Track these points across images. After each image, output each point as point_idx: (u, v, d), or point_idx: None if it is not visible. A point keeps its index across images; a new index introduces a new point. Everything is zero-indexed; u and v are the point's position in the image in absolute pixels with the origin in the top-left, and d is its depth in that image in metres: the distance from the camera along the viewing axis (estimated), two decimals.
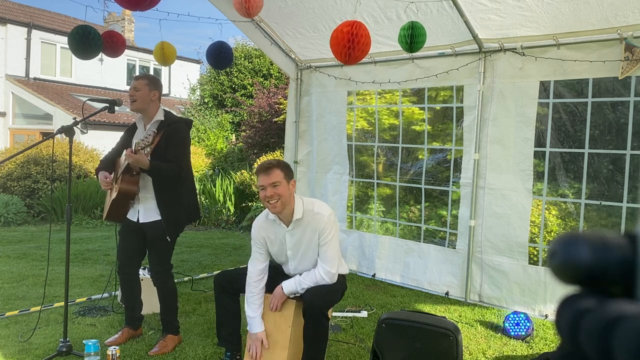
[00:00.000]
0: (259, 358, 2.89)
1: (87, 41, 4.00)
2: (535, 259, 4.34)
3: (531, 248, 4.32)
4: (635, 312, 0.35)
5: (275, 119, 10.60)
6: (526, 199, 4.28)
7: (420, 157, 5.17)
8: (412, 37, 3.68)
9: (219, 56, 4.64)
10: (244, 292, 3.06)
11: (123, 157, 3.38)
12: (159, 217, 3.35)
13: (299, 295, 2.91)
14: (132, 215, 3.44)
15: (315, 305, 2.74)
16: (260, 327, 2.92)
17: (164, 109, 3.50)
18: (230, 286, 3.07)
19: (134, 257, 3.50)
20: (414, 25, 3.68)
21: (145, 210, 3.39)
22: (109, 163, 3.51)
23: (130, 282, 3.55)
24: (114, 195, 3.33)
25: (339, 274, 2.98)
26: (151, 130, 3.20)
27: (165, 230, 3.34)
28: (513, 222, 4.34)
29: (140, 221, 3.39)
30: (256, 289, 2.96)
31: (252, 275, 2.98)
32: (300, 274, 2.95)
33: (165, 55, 4.63)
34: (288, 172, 2.88)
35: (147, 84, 3.39)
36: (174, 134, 3.35)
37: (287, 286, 2.89)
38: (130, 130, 3.57)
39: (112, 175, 3.46)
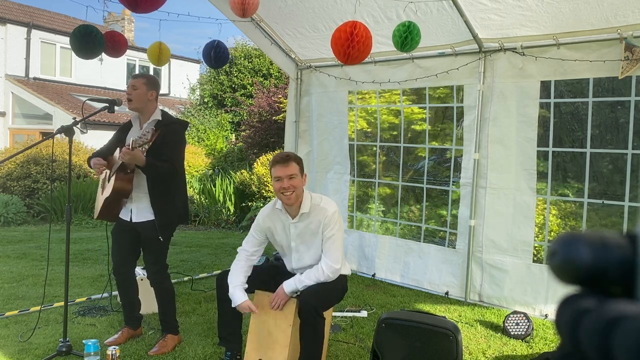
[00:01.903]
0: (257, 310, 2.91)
1: (90, 40, 4.00)
2: (538, 256, 4.34)
3: (536, 246, 4.32)
4: (635, 312, 0.34)
5: (275, 117, 10.60)
6: (530, 197, 4.28)
7: (421, 156, 5.17)
8: (407, 37, 3.67)
9: (215, 55, 4.65)
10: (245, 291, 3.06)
11: (117, 155, 3.37)
12: (152, 217, 3.33)
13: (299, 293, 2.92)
14: (124, 215, 3.42)
15: (310, 305, 2.75)
16: (242, 296, 2.91)
17: (161, 109, 3.50)
18: None
19: (128, 257, 3.49)
20: (413, 27, 3.68)
21: (138, 210, 3.37)
22: (101, 157, 3.49)
23: (126, 282, 3.54)
24: (108, 193, 3.32)
25: (340, 274, 2.98)
26: (150, 128, 3.19)
27: (158, 230, 3.33)
28: (517, 220, 4.34)
29: (133, 220, 3.38)
30: (242, 263, 3.01)
31: (242, 252, 3.07)
32: (302, 273, 2.96)
33: (161, 56, 4.63)
34: (302, 166, 2.95)
35: (145, 83, 3.38)
36: (171, 134, 3.34)
37: (288, 286, 2.90)
38: (124, 128, 3.55)
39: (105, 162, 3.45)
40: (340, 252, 2.94)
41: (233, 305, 2.93)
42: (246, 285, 2.99)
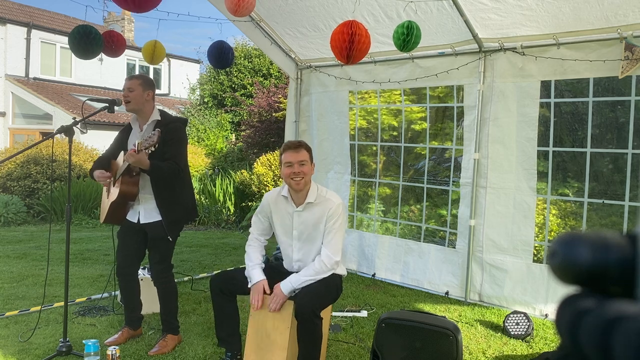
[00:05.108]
0: (259, 307, 2.92)
1: (88, 41, 4.00)
2: (538, 256, 4.34)
3: (536, 246, 4.32)
4: (635, 312, 0.34)
5: (275, 114, 10.61)
6: (530, 197, 4.28)
7: (421, 156, 5.16)
8: (408, 37, 3.66)
9: (221, 56, 4.65)
10: (240, 293, 3.06)
11: (121, 158, 3.37)
12: (159, 217, 3.34)
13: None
14: (132, 216, 3.43)
15: (307, 307, 2.75)
16: (259, 275, 2.97)
17: (159, 109, 3.49)
18: (227, 287, 3.05)
19: (133, 258, 3.50)
20: (414, 26, 3.68)
21: (146, 211, 3.38)
22: (104, 163, 3.50)
23: (130, 282, 3.54)
24: (114, 197, 3.32)
25: (336, 274, 2.98)
26: (156, 130, 3.19)
27: (166, 230, 3.34)
28: (518, 220, 4.34)
29: (141, 222, 3.39)
30: (255, 244, 3.11)
31: (252, 234, 3.16)
32: (299, 269, 2.98)
33: (155, 55, 4.63)
34: (311, 155, 3.01)
35: (140, 84, 3.36)
36: (172, 133, 3.34)
37: (285, 285, 2.90)
38: (125, 130, 3.55)
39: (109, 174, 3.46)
40: (340, 245, 2.97)
41: (249, 285, 2.97)
42: (263, 265, 3.05)
